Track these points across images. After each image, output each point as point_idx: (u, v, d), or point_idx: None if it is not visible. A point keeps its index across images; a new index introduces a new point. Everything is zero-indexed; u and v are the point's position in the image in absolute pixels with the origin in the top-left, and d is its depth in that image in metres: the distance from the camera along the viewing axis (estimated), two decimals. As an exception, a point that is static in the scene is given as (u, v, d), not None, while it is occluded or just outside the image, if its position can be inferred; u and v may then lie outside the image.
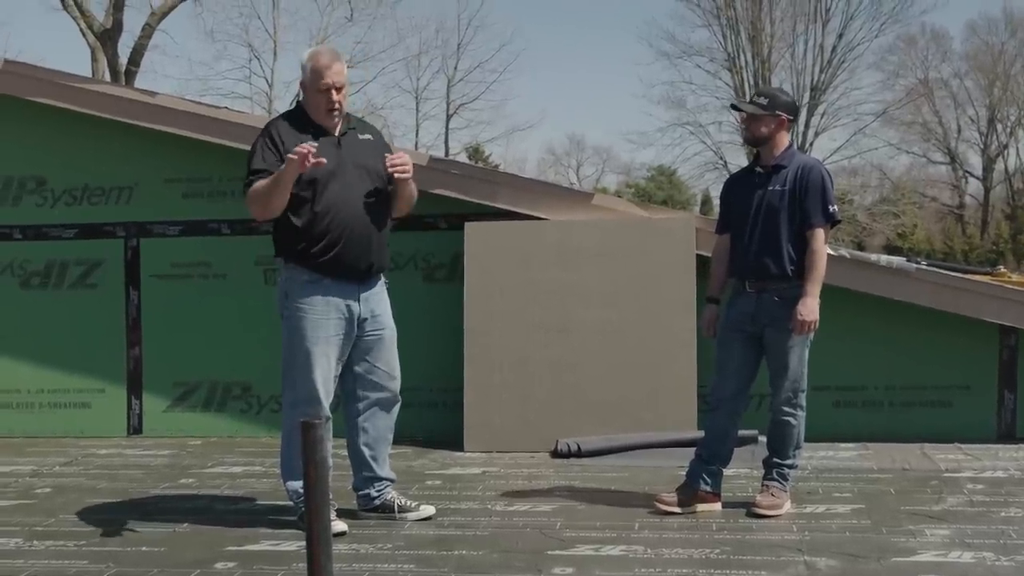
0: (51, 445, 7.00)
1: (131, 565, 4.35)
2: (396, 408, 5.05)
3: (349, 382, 4.94)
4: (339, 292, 4.77)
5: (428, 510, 5.01)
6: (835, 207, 4.96)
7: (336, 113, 4.77)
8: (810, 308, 4.84)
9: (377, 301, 4.93)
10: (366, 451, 4.97)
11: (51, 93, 7.18)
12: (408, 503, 5.02)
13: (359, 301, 4.83)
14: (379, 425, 4.99)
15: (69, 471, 6.24)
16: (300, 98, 4.92)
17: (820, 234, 4.90)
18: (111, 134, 7.24)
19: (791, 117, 5.06)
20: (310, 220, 4.69)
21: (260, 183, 4.64)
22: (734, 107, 5.12)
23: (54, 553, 4.55)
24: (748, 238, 4.99)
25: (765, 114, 4.97)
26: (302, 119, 4.81)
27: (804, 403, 5.02)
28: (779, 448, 5.03)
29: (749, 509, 4.95)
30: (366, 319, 4.86)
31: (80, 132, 7.31)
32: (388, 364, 4.97)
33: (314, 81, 4.71)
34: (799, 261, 4.90)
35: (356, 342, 4.86)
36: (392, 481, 5.09)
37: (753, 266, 4.97)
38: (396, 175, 4.80)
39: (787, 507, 4.97)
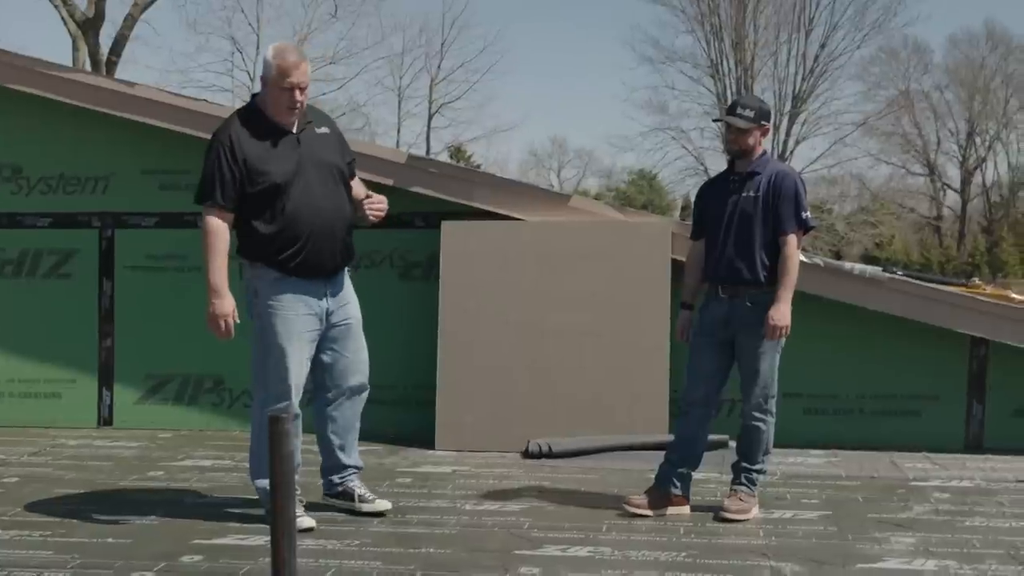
0: (20, 435, 6.96)
1: (97, 556, 4.33)
2: (364, 396, 5.08)
3: (318, 373, 4.95)
4: (308, 289, 4.79)
5: (384, 504, 5.04)
6: (808, 214, 5.00)
7: (296, 111, 4.75)
8: (782, 313, 4.87)
9: (344, 292, 4.96)
10: (334, 439, 5.01)
11: (29, 81, 7.14)
12: (367, 495, 5.05)
13: (327, 297, 4.86)
14: (347, 414, 5.02)
15: (37, 461, 6.21)
16: (253, 93, 4.90)
17: (793, 240, 4.93)
18: (89, 124, 7.21)
19: (767, 125, 5.11)
20: (274, 225, 4.70)
21: (211, 244, 4.66)
22: (727, 121, 5.06)
23: (19, 543, 4.52)
24: (721, 244, 5.01)
25: (753, 126, 5.01)
26: (259, 118, 4.77)
27: (774, 409, 5.05)
28: (748, 453, 5.06)
29: (717, 513, 4.97)
30: (333, 312, 4.88)
31: (58, 121, 7.27)
32: (355, 353, 4.99)
33: (279, 78, 4.66)
34: (772, 267, 4.94)
35: (324, 332, 4.88)
36: (358, 468, 5.12)
37: (726, 271, 5.00)
38: (370, 215, 4.96)
39: (755, 512, 4.99)
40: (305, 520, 4.65)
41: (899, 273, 6.96)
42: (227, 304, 4.69)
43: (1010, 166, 50.36)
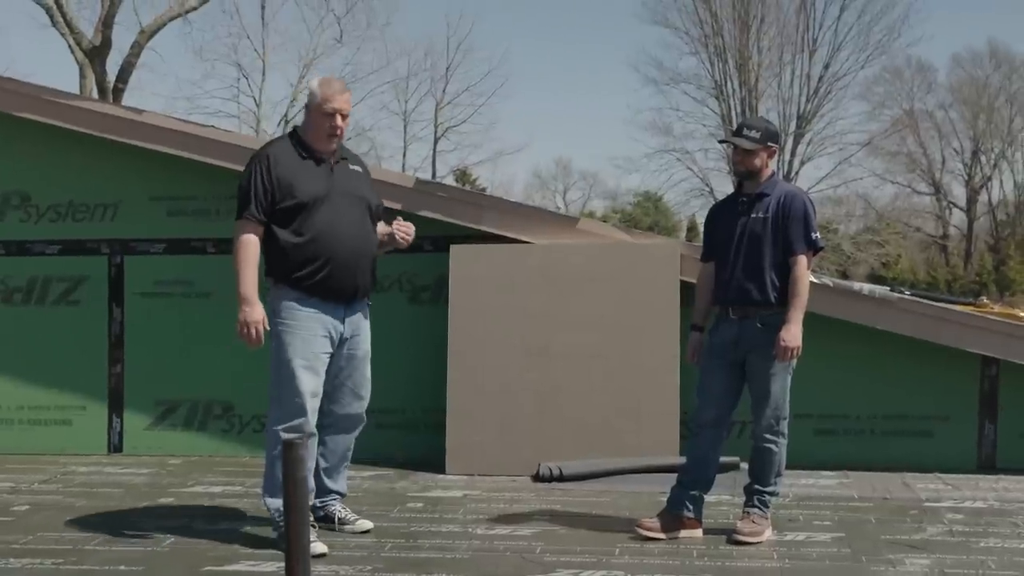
0: (30, 462, 6.95)
1: (108, 584, 4.32)
2: (359, 427, 5.17)
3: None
4: (326, 312, 4.88)
5: (366, 524, 5.11)
6: (817, 234, 5.00)
7: (336, 139, 4.93)
8: (793, 335, 4.86)
9: (360, 322, 5.05)
10: (322, 462, 5.10)
11: (37, 109, 7.17)
12: (349, 516, 5.12)
13: (344, 322, 4.94)
14: (339, 441, 5.13)
15: (48, 488, 6.20)
16: (294, 124, 5.01)
17: (803, 261, 4.93)
18: (97, 151, 7.23)
19: (776, 147, 5.13)
20: (298, 245, 4.82)
21: (241, 255, 4.79)
22: (733, 142, 5.12)
23: (30, 572, 4.51)
24: (731, 265, 5.02)
25: (759, 147, 5.02)
26: (298, 143, 4.95)
27: (786, 430, 5.03)
28: (760, 475, 5.04)
29: (730, 536, 4.95)
30: (347, 339, 4.97)
31: (66, 148, 7.30)
32: (356, 384, 5.08)
33: (323, 103, 4.86)
34: (782, 288, 4.93)
35: (333, 358, 4.96)
36: (341, 495, 5.20)
37: (736, 293, 5.00)
38: (399, 238, 5.13)
39: (767, 534, 4.97)
40: (318, 546, 4.63)
41: (907, 293, 6.95)
42: (257, 312, 4.80)
43: (1016, 184, 50.34)
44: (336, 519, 5.09)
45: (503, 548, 4.85)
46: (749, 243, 4.98)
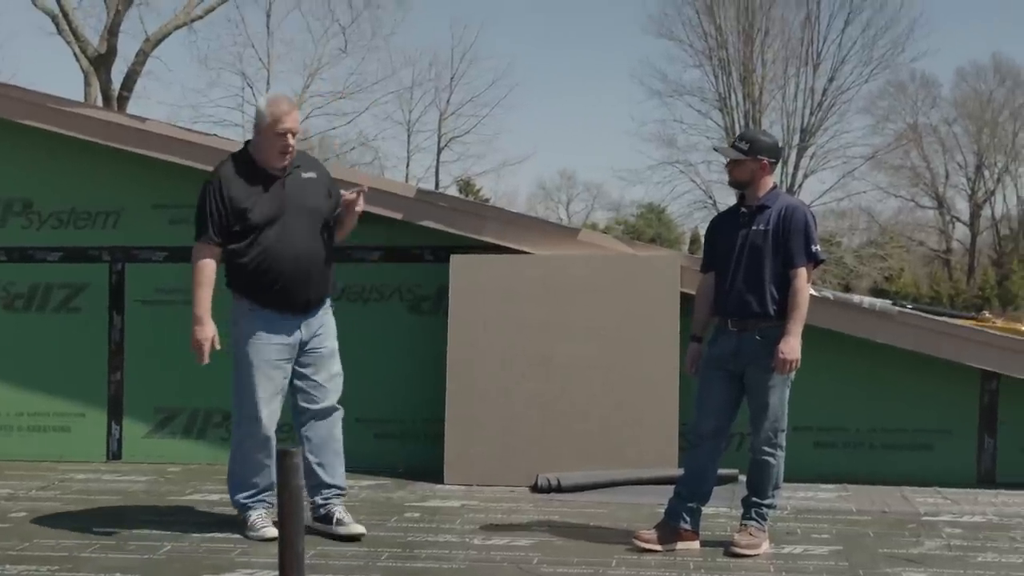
0: (29, 469, 6.95)
1: (104, 591, 4.32)
2: (337, 416, 5.34)
3: (293, 397, 5.29)
4: (281, 321, 5.14)
5: (359, 528, 5.18)
6: (818, 247, 4.99)
7: (288, 156, 5.10)
8: (792, 347, 4.85)
9: (319, 325, 5.27)
10: (311, 458, 5.21)
11: (41, 116, 7.19)
12: (345, 518, 5.20)
13: (300, 328, 5.19)
14: (320, 433, 5.27)
15: (45, 495, 6.20)
16: (245, 140, 5.29)
17: (803, 274, 4.93)
18: (100, 159, 7.25)
19: (772, 160, 5.09)
20: (250, 261, 5.08)
21: (197, 278, 5.11)
22: (718, 151, 5.20)
23: (27, 578, 4.51)
24: (731, 277, 5.02)
25: (746, 159, 5.02)
26: (249, 164, 5.14)
27: (784, 443, 5.02)
28: (758, 488, 5.03)
29: (727, 548, 4.94)
30: (307, 342, 5.21)
31: (68, 156, 7.32)
32: (324, 378, 5.27)
33: (272, 125, 5.03)
34: (781, 301, 4.93)
35: (297, 360, 5.21)
36: (341, 490, 5.32)
37: (736, 305, 5.00)
38: (349, 211, 5.26)
39: (765, 547, 4.96)
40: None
41: (909, 307, 6.95)
42: (208, 330, 5.11)
43: (1019, 199, 50.34)
44: (334, 519, 5.18)
45: (500, 558, 4.84)
46: (750, 255, 4.98)
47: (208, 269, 5.10)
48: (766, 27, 43.03)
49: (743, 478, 5.18)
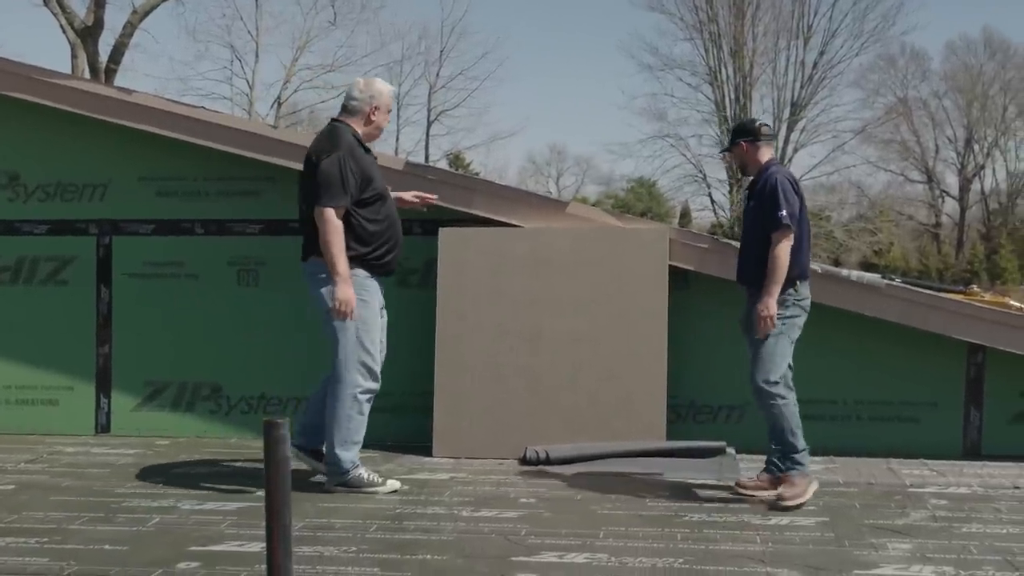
0: (17, 442, 6.96)
1: (93, 564, 4.33)
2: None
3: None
4: (379, 287, 5.61)
5: (321, 478, 5.63)
6: (783, 212, 5.30)
7: None
8: (764, 304, 5.27)
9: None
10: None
11: (26, 88, 7.15)
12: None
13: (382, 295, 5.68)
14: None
15: (34, 468, 6.20)
16: (341, 118, 5.62)
17: (775, 239, 5.27)
18: (86, 131, 7.21)
19: (749, 139, 5.53)
20: (379, 226, 5.52)
21: (334, 238, 5.33)
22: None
23: (15, 550, 4.52)
24: (740, 249, 5.62)
25: (731, 150, 5.63)
26: (357, 137, 5.54)
27: (782, 391, 5.33)
28: (777, 436, 5.33)
29: (773, 503, 5.22)
30: (383, 308, 5.69)
31: (55, 128, 7.28)
32: (384, 345, 5.74)
33: (389, 104, 5.64)
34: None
35: None
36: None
37: (739, 272, 5.57)
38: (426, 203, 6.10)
39: (813, 489, 5.27)
40: (392, 483, 5.60)
41: (898, 280, 6.97)
42: (352, 289, 5.39)
43: (1008, 173, 50.45)
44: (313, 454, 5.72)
45: (488, 530, 4.86)
46: (747, 228, 5.54)
47: (343, 233, 5.37)
48: (757, 0, 42.94)
49: (731, 450, 5.24)
